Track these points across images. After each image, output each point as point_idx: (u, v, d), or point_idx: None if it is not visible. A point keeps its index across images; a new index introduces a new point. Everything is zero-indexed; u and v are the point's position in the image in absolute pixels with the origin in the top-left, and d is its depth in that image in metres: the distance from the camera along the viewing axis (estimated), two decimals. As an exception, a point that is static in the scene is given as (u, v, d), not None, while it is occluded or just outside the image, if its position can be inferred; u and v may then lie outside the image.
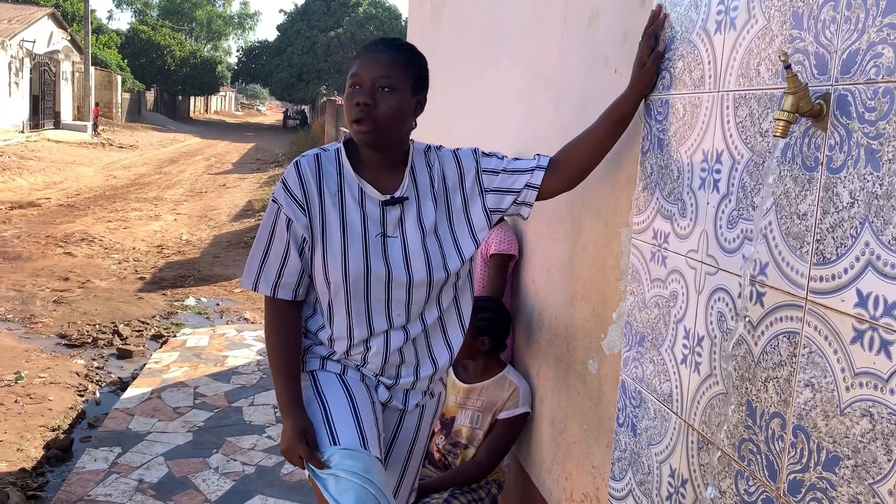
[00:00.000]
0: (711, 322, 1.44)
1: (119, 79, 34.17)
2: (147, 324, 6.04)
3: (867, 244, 1.05)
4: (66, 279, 7.17)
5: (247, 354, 5.07)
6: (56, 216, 10.52)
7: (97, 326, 5.86)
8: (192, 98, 54.60)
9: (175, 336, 5.62)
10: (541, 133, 2.49)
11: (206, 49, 58.63)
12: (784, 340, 1.22)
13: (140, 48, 43.77)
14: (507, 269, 2.65)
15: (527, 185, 1.78)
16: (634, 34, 1.82)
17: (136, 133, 30.02)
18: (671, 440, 1.59)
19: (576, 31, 2.20)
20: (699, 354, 1.48)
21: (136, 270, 7.80)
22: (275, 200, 1.70)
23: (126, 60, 39.95)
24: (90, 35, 28.55)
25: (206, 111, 63.66)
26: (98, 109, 28.41)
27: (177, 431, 3.79)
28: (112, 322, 5.99)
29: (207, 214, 11.87)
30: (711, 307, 1.44)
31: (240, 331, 5.69)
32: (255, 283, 1.73)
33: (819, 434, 1.14)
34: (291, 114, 48.28)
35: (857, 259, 1.07)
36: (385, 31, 36.69)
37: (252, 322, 6.14)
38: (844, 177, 1.10)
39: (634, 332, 1.76)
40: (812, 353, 1.16)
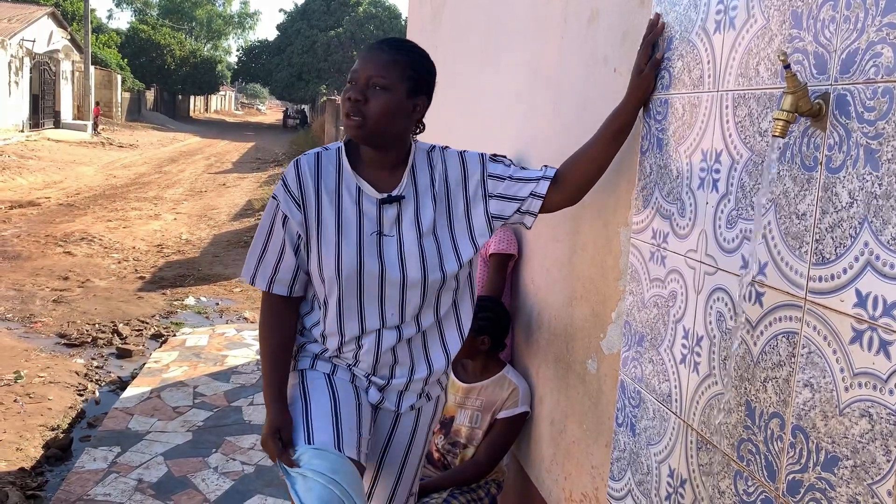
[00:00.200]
0: (710, 322, 1.44)
1: (119, 78, 34.17)
2: (146, 323, 6.04)
3: (866, 244, 1.05)
4: (66, 278, 7.17)
5: (246, 354, 5.07)
6: (56, 215, 10.52)
7: (97, 326, 5.86)
8: (192, 97, 54.59)
9: (174, 335, 5.62)
10: (541, 133, 2.49)
11: (206, 48, 58.63)
12: (783, 340, 1.22)
13: (140, 47, 43.76)
14: (507, 269, 2.65)
15: (532, 194, 1.77)
16: (634, 34, 1.82)
17: (136, 132, 30.02)
18: (670, 440, 1.59)
19: (575, 31, 2.20)
20: (698, 354, 1.48)
21: (136, 270, 7.80)
22: (274, 197, 1.73)
23: (126, 60, 39.95)
24: (90, 34, 28.54)
25: (206, 110, 63.67)
26: (98, 109, 28.41)
27: (176, 431, 3.79)
28: (111, 321, 5.99)
29: (207, 214, 11.87)
30: (710, 307, 1.44)
31: (239, 330, 5.69)
32: (253, 278, 1.77)
33: (818, 434, 1.13)
34: (291, 113, 48.30)
35: (857, 259, 1.07)
36: (385, 31, 36.69)
37: (252, 321, 6.14)
38: (843, 176, 1.10)
39: (633, 332, 1.76)
40: (811, 354, 1.15)
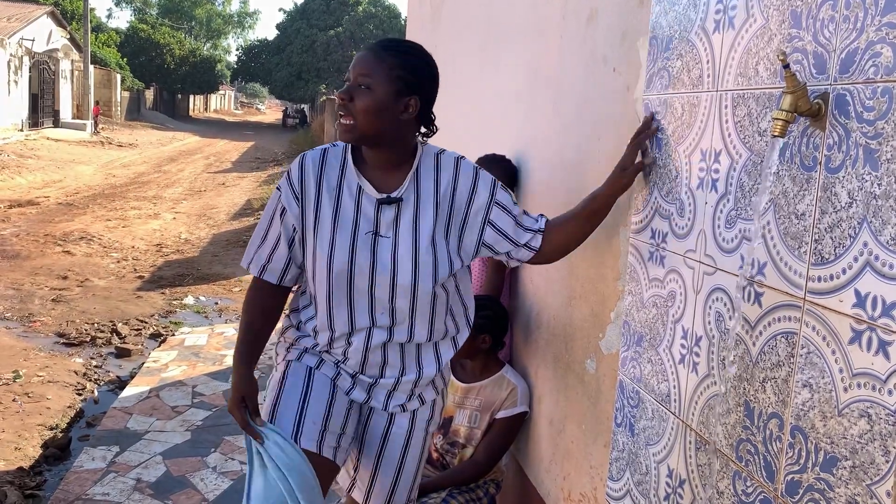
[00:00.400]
0: (709, 322, 1.44)
1: (118, 77, 34.14)
2: (146, 322, 6.04)
3: (865, 244, 1.05)
4: (65, 278, 7.17)
5: (245, 353, 5.07)
6: (55, 215, 10.51)
7: (95, 325, 5.86)
8: (192, 96, 54.57)
9: (173, 335, 5.62)
10: (540, 132, 2.48)
11: (206, 48, 58.61)
12: (782, 341, 1.22)
13: (139, 47, 43.73)
14: (506, 269, 2.65)
15: (526, 245, 1.80)
16: (633, 33, 1.82)
17: (136, 132, 30.00)
18: (669, 440, 1.58)
19: (575, 31, 2.19)
20: (697, 354, 1.48)
21: (135, 269, 7.79)
22: (279, 188, 1.78)
23: (125, 59, 39.89)
24: (89, 33, 28.51)
25: (206, 110, 63.64)
26: (98, 108, 28.39)
27: (175, 430, 3.78)
28: (110, 321, 5.99)
29: (206, 213, 11.86)
30: (709, 307, 1.44)
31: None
32: (249, 263, 1.82)
33: (817, 435, 1.13)
34: (291, 112, 48.28)
35: (856, 259, 1.07)
36: (384, 30, 36.69)
37: (251, 321, 6.14)
38: (843, 176, 1.10)
39: (632, 332, 1.75)
40: (810, 354, 1.15)
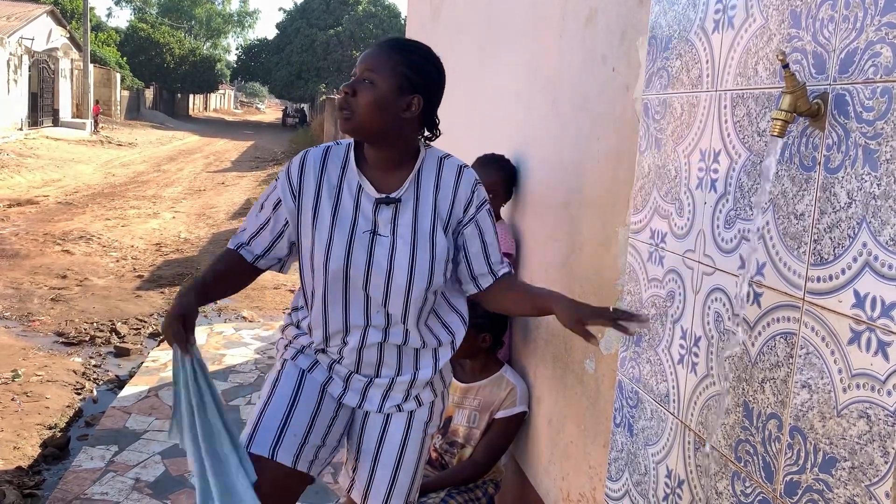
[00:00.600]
0: (708, 322, 1.44)
1: (118, 76, 34.13)
2: (145, 322, 6.03)
3: (865, 245, 1.05)
4: (64, 277, 7.16)
5: (244, 353, 5.07)
6: (54, 214, 10.50)
7: (95, 324, 5.85)
8: (192, 96, 54.54)
9: (173, 334, 5.61)
10: (539, 131, 2.48)
11: (206, 47, 58.62)
12: (781, 341, 1.22)
13: (139, 46, 43.72)
14: (505, 269, 2.65)
15: (475, 278, 1.81)
16: (632, 33, 1.82)
17: (135, 131, 29.99)
18: (668, 441, 1.58)
19: (574, 30, 2.19)
20: (696, 355, 1.48)
21: (135, 268, 7.79)
22: (278, 178, 1.80)
23: (125, 58, 39.89)
24: (89, 32, 28.49)
25: (206, 109, 63.61)
26: (98, 107, 28.37)
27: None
28: (110, 320, 5.98)
29: (206, 212, 11.85)
30: (708, 307, 1.44)
31: (237, 329, 5.68)
32: (232, 241, 1.86)
33: (816, 435, 1.13)
34: (291, 112, 48.28)
35: (855, 259, 1.06)
36: (384, 30, 36.67)
37: (250, 321, 6.14)
38: (842, 177, 1.10)
39: (631, 332, 1.75)
40: (809, 354, 1.15)
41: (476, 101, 3.29)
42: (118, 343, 5.47)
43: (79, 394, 4.52)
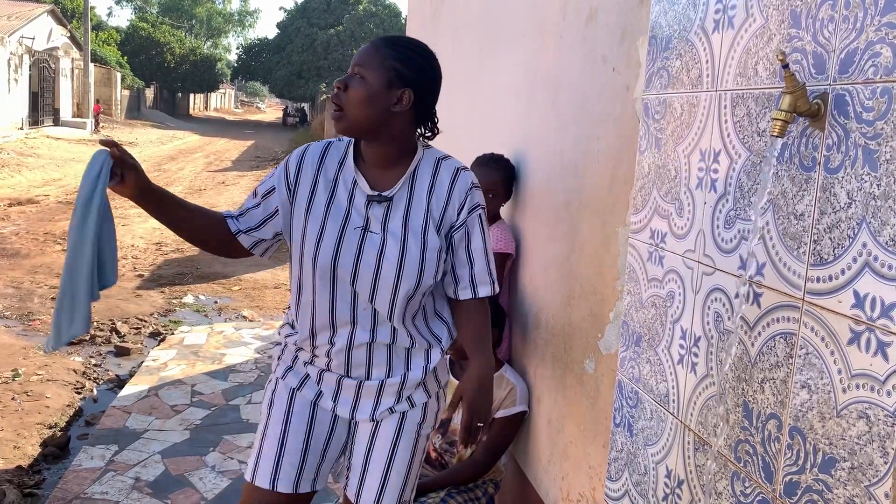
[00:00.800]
0: (708, 322, 1.44)
1: (119, 76, 34.14)
2: (145, 321, 6.04)
3: (864, 245, 1.05)
4: (65, 276, 7.16)
5: (245, 353, 5.07)
6: (55, 213, 10.51)
7: (95, 324, 5.85)
8: (192, 95, 54.55)
9: (173, 334, 5.61)
10: (539, 131, 2.48)
11: (206, 46, 58.67)
12: (781, 341, 1.22)
13: (140, 45, 43.74)
14: (505, 268, 2.65)
15: (457, 282, 1.81)
16: (633, 33, 1.82)
17: (136, 130, 29.99)
18: (667, 441, 1.58)
19: (574, 30, 2.19)
20: (696, 355, 1.48)
21: (135, 268, 7.79)
22: (276, 169, 1.83)
23: (126, 57, 39.90)
24: (90, 32, 28.49)
25: (206, 108, 63.62)
26: (99, 106, 28.39)
27: (174, 429, 3.78)
28: (110, 319, 5.99)
29: (206, 212, 11.85)
30: (708, 307, 1.44)
31: (238, 329, 5.69)
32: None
33: (815, 436, 1.13)
34: (291, 111, 48.29)
35: (855, 260, 1.06)
36: (385, 29, 36.67)
37: (250, 320, 6.14)
38: (842, 177, 1.09)
39: (631, 332, 1.75)
40: (809, 355, 1.15)
41: (476, 101, 3.29)
42: (118, 342, 5.47)
43: (79, 393, 4.52)
